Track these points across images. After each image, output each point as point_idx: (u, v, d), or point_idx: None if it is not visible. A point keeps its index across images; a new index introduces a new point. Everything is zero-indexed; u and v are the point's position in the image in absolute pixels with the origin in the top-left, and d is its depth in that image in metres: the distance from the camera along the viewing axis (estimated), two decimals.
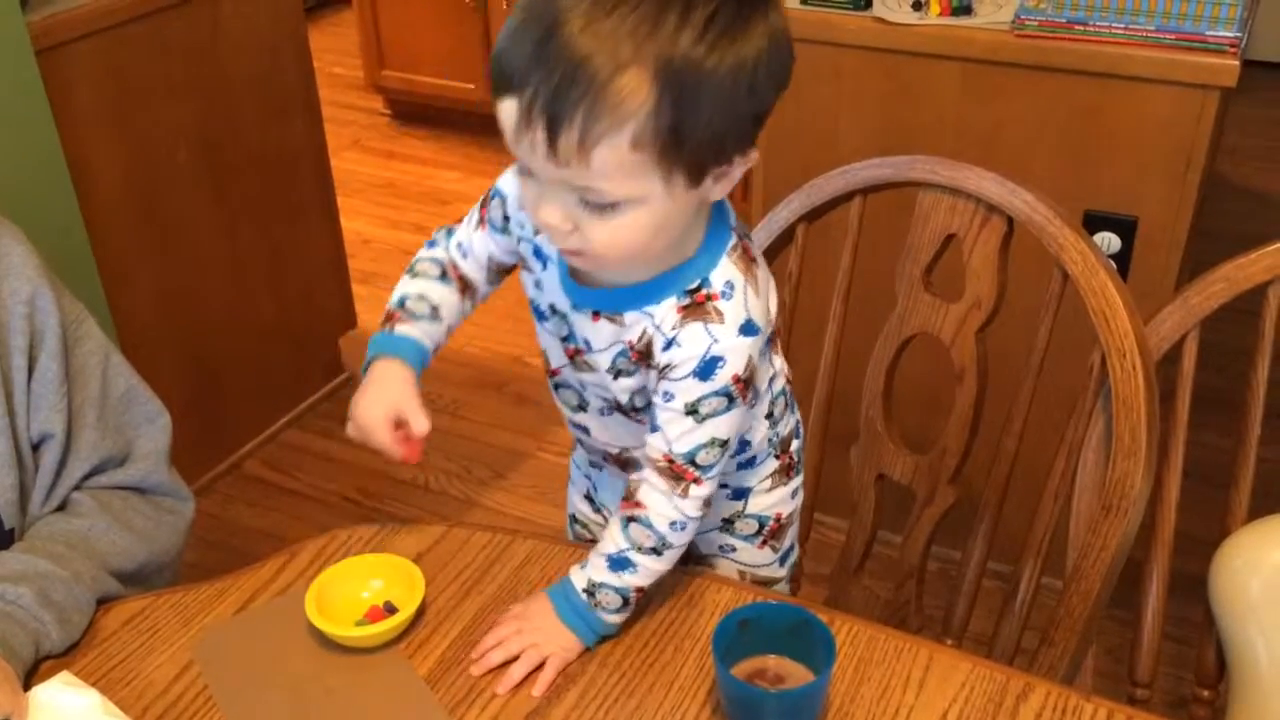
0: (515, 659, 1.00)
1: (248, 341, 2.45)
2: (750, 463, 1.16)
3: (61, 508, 1.14)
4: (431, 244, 1.18)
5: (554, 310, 1.07)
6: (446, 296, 1.15)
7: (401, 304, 1.14)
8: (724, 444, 1.01)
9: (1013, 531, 1.27)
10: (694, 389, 0.98)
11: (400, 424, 1.07)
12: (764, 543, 1.20)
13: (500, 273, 1.17)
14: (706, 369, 0.97)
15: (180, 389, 2.26)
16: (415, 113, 4.03)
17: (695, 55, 0.83)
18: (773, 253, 1.32)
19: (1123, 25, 1.65)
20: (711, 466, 1.01)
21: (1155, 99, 1.66)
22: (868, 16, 1.80)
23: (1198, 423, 1.24)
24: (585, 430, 1.16)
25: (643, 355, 1.01)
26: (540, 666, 1.00)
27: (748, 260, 1.00)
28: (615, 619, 1.03)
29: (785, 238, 1.32)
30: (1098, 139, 1.73)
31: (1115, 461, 1.12)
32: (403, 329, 1.12)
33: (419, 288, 1.15)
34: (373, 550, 1.13)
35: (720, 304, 0.97)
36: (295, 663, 1.02)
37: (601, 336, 1.03)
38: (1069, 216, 1.16)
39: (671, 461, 1.01)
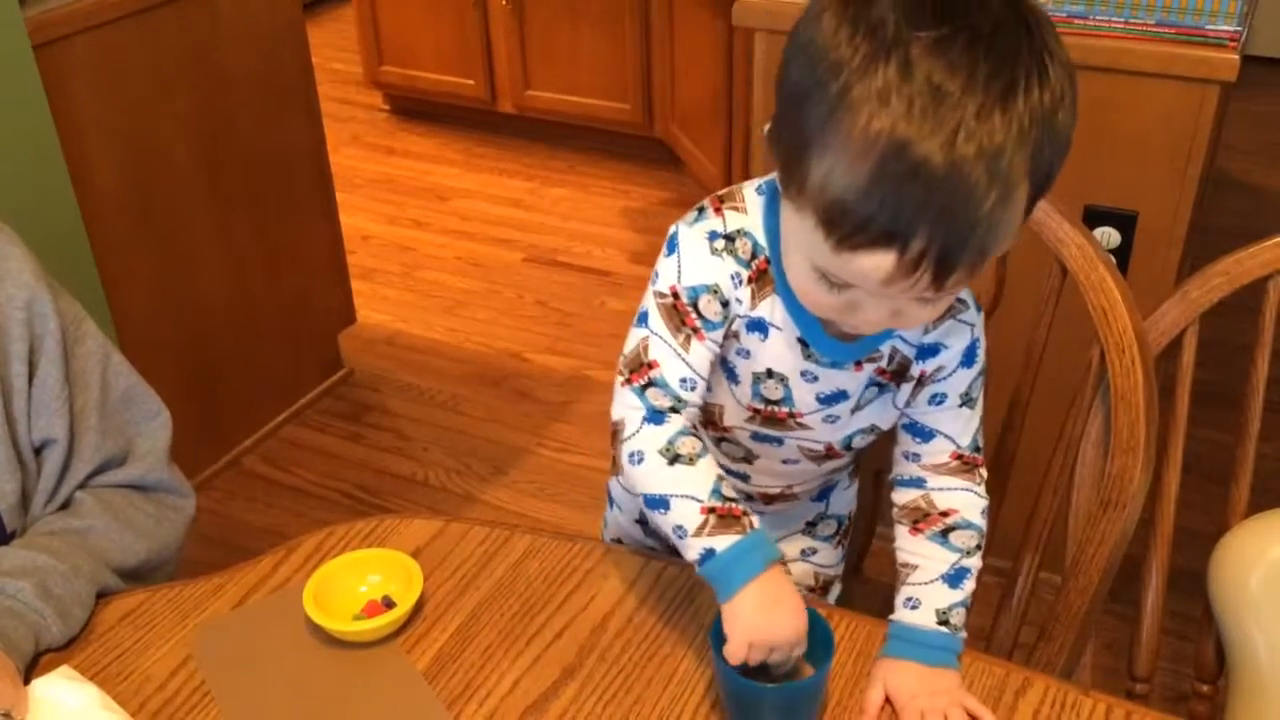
0: None
1: (247, 338, 2.45)
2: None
3: (63, 507, 1.14)
4: (658, 419, 0.97)
5: (769, 374, 1.01)
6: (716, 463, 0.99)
7: (721, 494, 0.95)
8: (982, 412, 1.04)
9: (1011, 526, 1.27)
10: (964, 379, 1.01)
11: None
12: (838, 543, 1.21)
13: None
14: (970, 355, 1.00)
15: (179, 385, 2.26)
16: (414, 108, 4.03)
17: (1056, 137, 0.80)
18: None
19: (1123, 19, 1.65)
20: (982, 443, 1.04)
21: (1155, 93, 1.66)
22: None
23: (1197, 418, 1.24)
24: (743, 477, 1.14)
25: (895, 374, 1.01)
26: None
27: None
28: (965, 633, 1.01)
29: None
30: (1097, 133, 1.72)
31: (1114, 456, 1.12)
32: (754, 523, 0.95)
33: (715, 472, 0.96)
34: (370, 545, 1.13)
35: (960, 293, 0.98)
36: (293, 658, 1.02)
37: (858, 380, 1.02)
38: (1068, 211, 1.16)
39: (961, 457, 1.03)
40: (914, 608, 0.99)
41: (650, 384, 0.97)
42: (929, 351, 1.00)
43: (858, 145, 0.77)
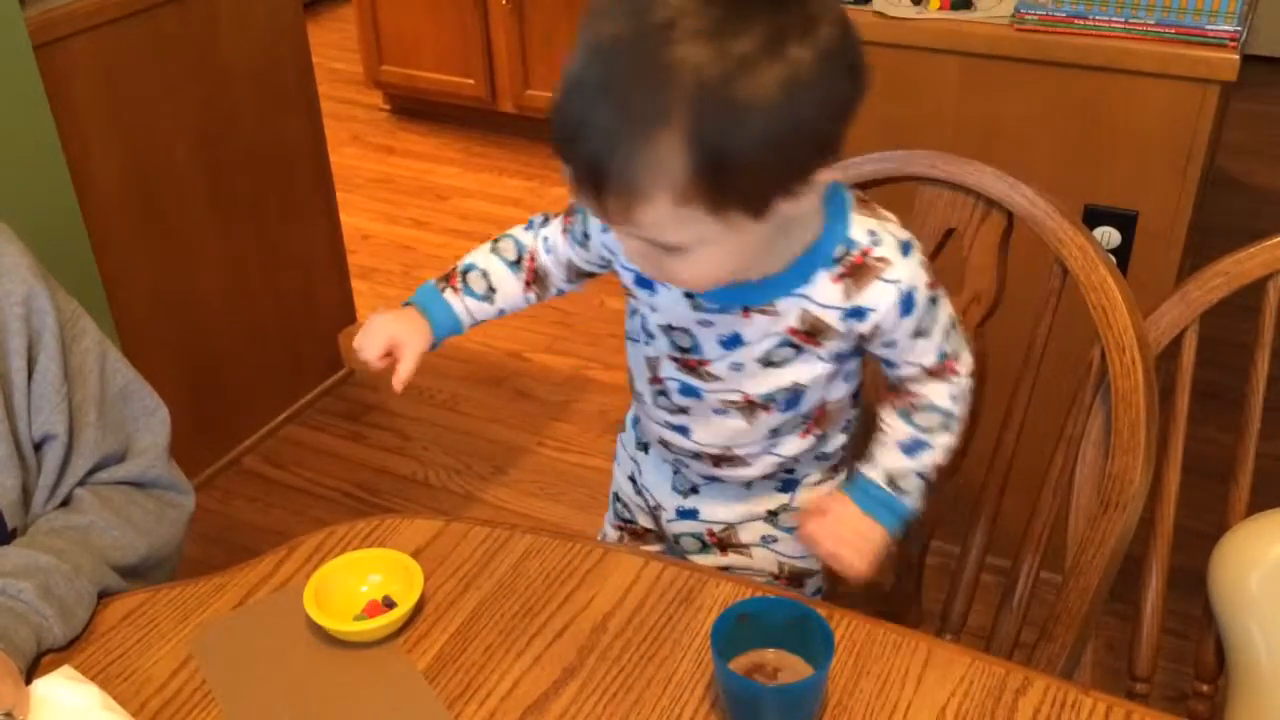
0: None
1: (247, 337, 2.45)
2: (829, 455, 1.19)
3: (64, 505, 1.14)
4: (527, 225, 1.20)
5: (671, 328, 1.08)
6: (509, 283, 1.18)
7: (465, 272, 1.18)
8: (953, 323, 1.07)
9: (1012, 526, 1.27)
10: (908, 324, 1.03)
11: (391, 356, 1.14)
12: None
13: (581, 276, 1.19)
14: (907, 305, 1.02)
15: (179, 385, 2.26)
16: (414, 108, 4.03)
17: (728, 108, 0.81)
18: None
19: (1123, 19, 1.65)
20: (959, 346, 1.08)
21: (1155, 93, 1.66)
22: (868, 10, 1.80)
23: (1197, 417, 1.24)
24: (684, 431, 1.16)
25: (809, 334, 1.03)
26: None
27: (864, 202, 1.03)
28: (916, 504, 1.09)
29: None
30: (1098, 133, 1.73)
31: (1114, 456, 1.12)
32: (450, 296, 1.17)
33: (487, 263, 1.18)
34: (371, 545, 1.13)
35: (877, 253, 1.00)
36: (293, 658, 1.02)
37: (755, 330, 1.04)
38: (1069, 211, 1.16)
39: (927, 370, 1.07)
40: (868, 461, 1.09)
41: (546, 219, 1.18)
42: (855, 314, 1.02)
43: (568, 68, 0.86)
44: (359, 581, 1.07)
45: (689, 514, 1.23)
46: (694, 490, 1.22)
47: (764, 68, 0.81)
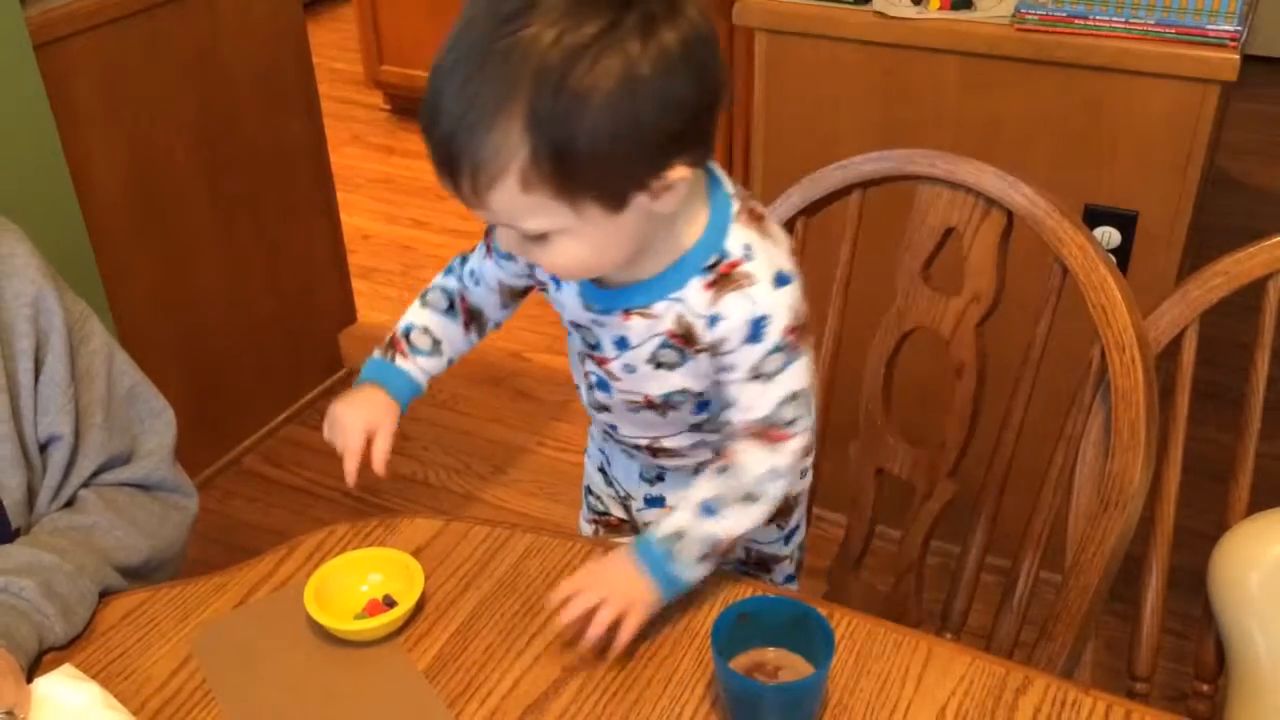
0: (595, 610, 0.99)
1: (247, 337, 2.45)
2: None
3: (68, 505, 1.14)
4: (447, 271, 1.20)
5: (576, 325, 1.09)
6: (450, 331, 1.18)
7: (407, 334, 1.17)
8: (800, 394, 1.02)
9: (1012, 526, 1.27)
10: (751, 354, 0.99)
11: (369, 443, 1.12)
12: (771, 522, 1.20)
13: (514, 296, 1.18)
14: (755, 331, 0.99)
15: (180, 384, 2.26)
16: (415, 108, 3.99)
17: (566, 96, 0.84)
18: None
19: (1123, 19, 1.65)
20: (798, 419, 1.02)
21: (1155, 93, 1.66)
22: (868, 10, 1.80)
23: (1197, 417, 1.24)
24: (612, 426, 1.18)
25: (685, 339, 1.02)
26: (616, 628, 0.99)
27: (756, 218, 1.02)
28: (694, 572, 1.02)
29: (785, 231, 1.31)
30: (1098, 133, 1.73)
31: (1114, 455, 1.12)
32: (402, 363, 1.16)
33: (425, 320, 1.17)
34: (371, 544, 1.13)
35: (746, 267, 0.99)
36: (294, 657, 1.02)
37: (637, 332, 1.04)
38: (1069, 211, 1.16)
39: (756, 427, 1.02)
40: (663, 518, 1.04)
41: (464, 258, 1.18)
42: (712, 321, 1.00)
43: (435, 58, 0.89)
44: (359, 581, 1.07)
45: (656, 501, 1.24)
46: (660, 478, 1.23)
47: (602, 59, 0.84)
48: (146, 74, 2.08)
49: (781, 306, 0.99)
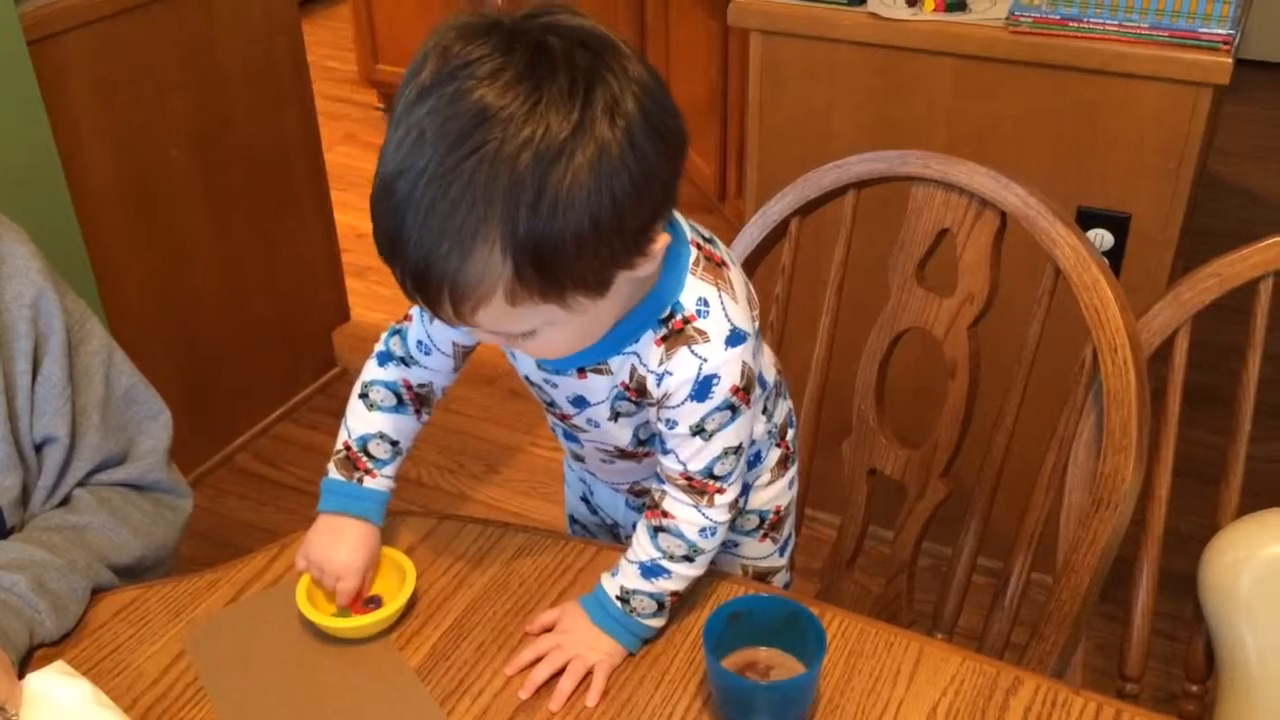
0: (559, 673, 0.99)
1: (240, 335, 2.45)
2: (757, 457, 1.16)
3: (62, 504, 1.14)
4: (381, 360, 1.12)
5: (531, 382, 1.08)
6: (404, 425, 1.12)
7: (364, 447, 1.10)
8: (737, 450, 1.00)
9: (1003, 526, 1.27)
10: (695, 411, 0.97)
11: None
12: (765, 535, 1.21)
13: (467, 354, 1.13)
14: (702, 390, 0.96)
15: (173, 382, 2.25)
16: None
17: (538, 207, 0.79)
18: (766, 246, 1.32)
19: (1116, 22, 1.65)
20: (730, 474, 1.01)
21: (1148, 96, 1.67)
22: (862, 12, 1.81)
23: (1188, 419, 1.24)
24: (591, 471, 1.17)
25: (639, 391, 1.00)
26: (588, 678, 0.99)
27: (715, 267, 0.98)
28: (653, 623, 1.02)
29: (779, 231, 1.32)
30: (1091, 135, 1.73)
31: (1106, 457, 1.12)
32: (370, 483, 1.10)
33: (378, 425, 1.11)
34: None
35: (699, 324, 0.95)
36: (286, 654, 1.02)
37: (594, 390, 1.03)
38: (1062, 212, 1.16)
39: (690, 479, 1.01)
40: (612, 574, 1.04)
41: (398, 331, 1.11)
42: (661, 378, 0.97)
43: (378, 172, 0.84)
44: None
45: None
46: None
47: (575, 156, 0.79)
48: (141, 71, 2.08)
49: (731, 366, 0.96)
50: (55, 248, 1.83)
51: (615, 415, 1.04)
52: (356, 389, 1.12)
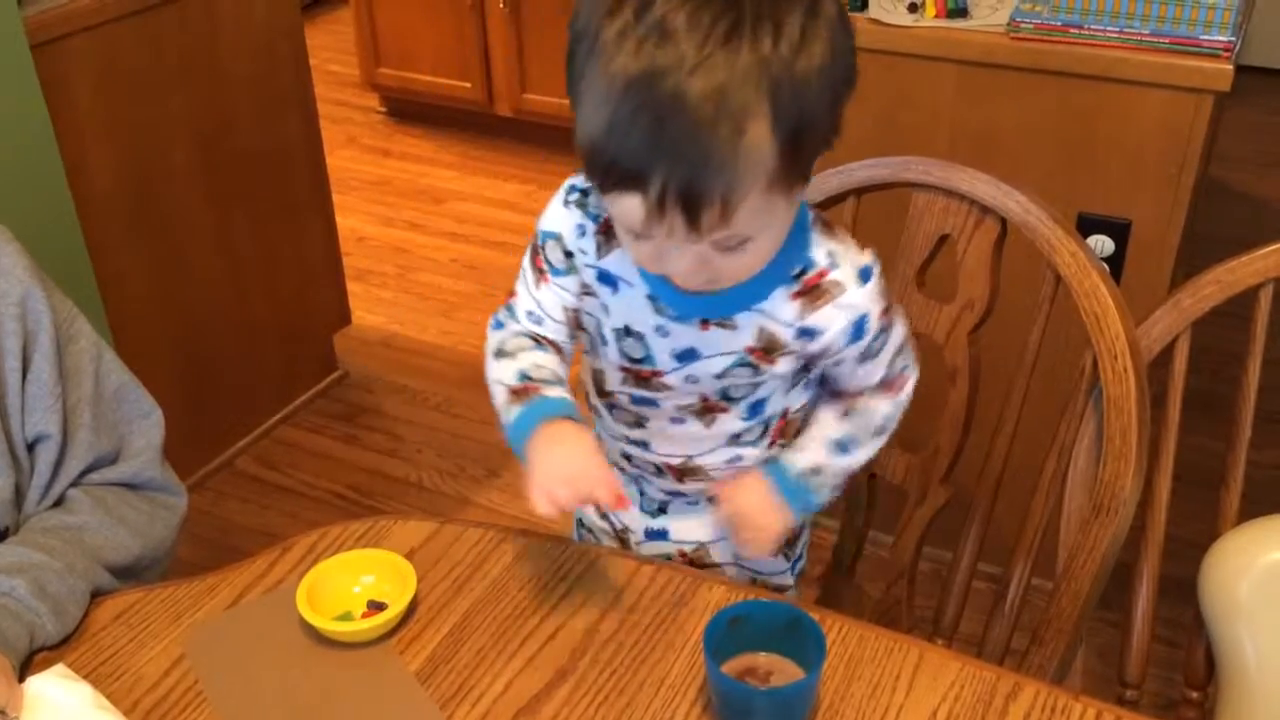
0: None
1: (241, 338, 2.45)
2: None
3: (56, 505, 1.14)
4: (498, 325, 1.12)
5: (628, 332, 1.06)
6: (553, 361, 1.08)
7: (526, 377, 1.05)
8: (903, 346, 1.07)
9: (1004, 532, 1.27)
10: (855, 349, 1.03)
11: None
12: (778, 552, 1.20)
13: (577, 323, 1.10)
14: (857, 332, 1.02)
15: (174, 385, 2.26)
16: (411, 111, 4.03)
17: (799, 83, 0.82)
18: None
19: (1117, 29, 1.66)
20: (907, 364, 1.09)
21: (1149, 102, 1.67)
22: (863, 18, 1.81)
23: (1188, 425, 1.24)
24: (644, 445, 1.15)
25: (766, 350, 1.03)
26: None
27: (830, 226, 1.03)
28: (826, 498, 1.09)
29: None
30: (1092, 142, 1.73)
31: (1106, 463, 1.12)
32: (551, 392, 1.04)
33: (529, 360, 1.06)
34: (365, 546, 1.13)
35: (833, 275, 1.00)
36: (286, 658, 1.02)
37: (711, 344, 1.03)
38: (1062, 219, 1.16)
39: (877, 386, 1.07)
40: (795, 449, 1.09)
41: (508, 309, 1.11)
42: (806, 334, 1.01)
43: (601, 87, 0.81)
44: (352, 582, 1.07)
45: (659, 535, 1.21)
46: (662, 510, 1.21)
47: (811, 32, 0.83)
48: (143, 75, 2.08)
49: (871, 300, 1.02)
50: (57, 250, 1.83)
51: (723, 375, 1.05)
52: (488, 361, 1.09)
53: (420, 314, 3.01)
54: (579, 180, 1.05)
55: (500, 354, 1.08)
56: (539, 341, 1.09)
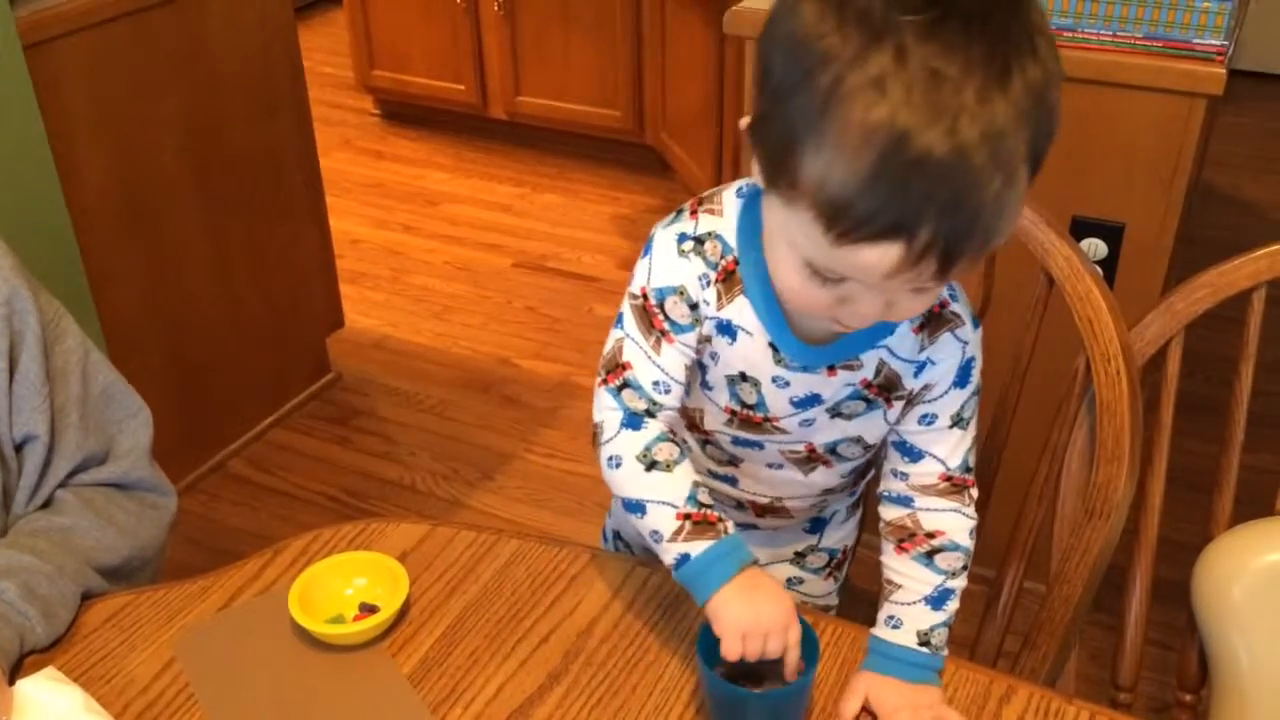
0: None
1: (234, 341, 2.44)
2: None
3: (45, 506, 1.14)
4: (633, 420, 0.99)
5: (743, 378, 1.01)
6: (693, 469, 1.00)
7: (701, 505, 0.96)
8: (975, 435, 1.02)
9: (997, 535, 1.27)
10: (956, 399, 0.99)
11: None
12: (829, 574, 1.20)
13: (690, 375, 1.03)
14: (964, 375, 0.98)
15: (166, 387, 2.25)
16: (405, 113, 4.03)
17: (1047, 117, 0.80)
18: None
19: (1111, 32, 1.66)
20: (971, 464, 1.02)
21: (1143, 106, 1.67)
22: None
23: (1181, 428, 1.24)
24: (731, 481, 1.13)
25: (884, 388, 0.99)
26: None
27: None
28: (947, 652, 1.00)
29: None
30: (1085, 145, 1.73)
31: (1099, 466, 1.12)
32: (732, 528, 0.97)
33: (688, 477, 0.98)
34: (357, 548, 1.13)
35: (954, 307, 0.97)
36: (278, 661, 1.02)
37: (832, 386, 1.00)
38: (1055, 222, 1.16)
39: (950, 478, 1.01)
40: (896, 627, 0.99)
41: (625, 385, 0.99)
42: (920, 366, 0.97)
43: (856, 137, 0.74)
44: (344, 585, 1.07)
45: None
46: None
47: (1046, 50, 0.80)
48: (136, 76, 2.08)
49: (978, 348, 0.98)
50: (49, 252, 1.83)
51: (837, 412, 1.01)
52: (625, 467, 0.98)
53: (414, 316, 3.01)
54: (686, 227, 0.98)
55: (653, 465, 0.97)
56: (674, 438, 1.00)
